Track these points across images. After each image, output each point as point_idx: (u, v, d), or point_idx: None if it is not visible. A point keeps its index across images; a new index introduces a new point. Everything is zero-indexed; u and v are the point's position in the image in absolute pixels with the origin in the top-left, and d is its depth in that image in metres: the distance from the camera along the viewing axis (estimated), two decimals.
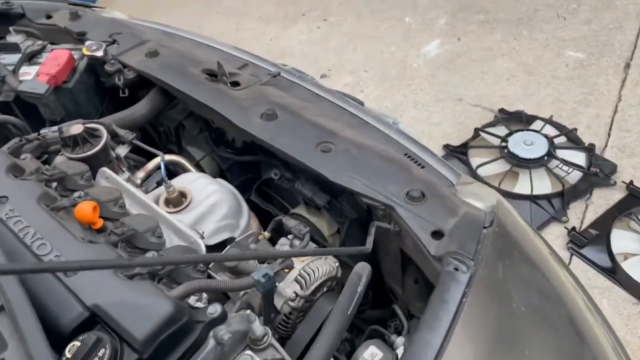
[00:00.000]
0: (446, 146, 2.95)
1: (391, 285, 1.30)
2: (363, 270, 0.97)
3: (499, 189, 2.55)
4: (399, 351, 0.99)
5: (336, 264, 1.19)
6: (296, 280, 1.11)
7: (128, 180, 1.31)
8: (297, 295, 1.10)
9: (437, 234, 0.99)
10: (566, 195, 2.52)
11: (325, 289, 1.16)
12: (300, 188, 1.32)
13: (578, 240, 2.35)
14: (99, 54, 1.56)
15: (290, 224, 1.24)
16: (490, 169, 2.71)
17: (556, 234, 2.44)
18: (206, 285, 0.90)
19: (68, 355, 0.72)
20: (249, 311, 1.01)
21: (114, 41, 1.64)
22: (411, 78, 3.59)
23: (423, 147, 1.29)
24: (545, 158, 2.65)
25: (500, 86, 3.33)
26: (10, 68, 1.60)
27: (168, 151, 1.74)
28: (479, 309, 0.82)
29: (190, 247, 1.04)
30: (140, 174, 1.37)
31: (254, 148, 1.47)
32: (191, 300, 0.95)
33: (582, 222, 2.47)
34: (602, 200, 2.53)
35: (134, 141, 1.37)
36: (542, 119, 2.91)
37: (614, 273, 2.23)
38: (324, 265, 1.15)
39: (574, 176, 2.60)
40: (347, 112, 1.40)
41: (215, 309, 0.85)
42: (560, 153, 2.67)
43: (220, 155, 1.59)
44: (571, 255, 2.34)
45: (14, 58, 1.64)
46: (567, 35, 3.56)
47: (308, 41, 4.26)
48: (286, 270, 1.02)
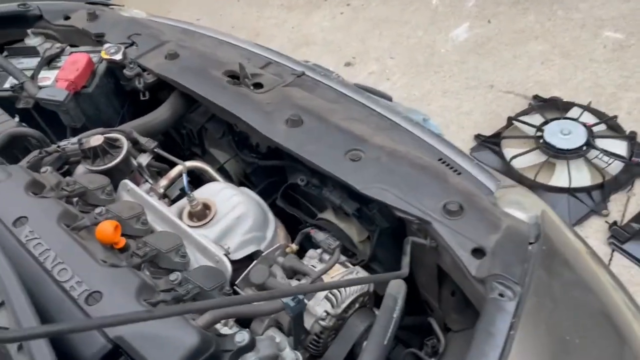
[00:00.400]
0: (477, 136, 2.84)
1: (426, 297, 1.24)
2: (398, 291, 0.91)
3: (534, 182, 2.45)
4: None
5: None
6: (327, 297, 1.06)
7: (150, 190, 1.28)
8: (328, 313, 1.05)
9: (478, 252, 0.93)
10: (606, 187, 2.40)
11: (357, 306, 1.11)
12: (328, 195, 1.26)
13: (620, 235, 2.24)
14: (118, 57, 1.51)
15: (319, 237, 1.19)
16: (525, 160, 2.59)
17: (596, 228, 2.33)
18: (233, 312, 0.86)
19: None
20: (279, 339, 0.97)
21: (132, 43, 1.60)
22: (439, 64, 3.46)
23: (458, 151, 1.22)
24: (584, 148, 2.52)
25: (534, 71, 3.17)
26: (29, 73, 1.57)
27: (191, 154, 1.70)
28: (528, 344, 0.75)
29: (215, 269, 1.00)
30: (163, 182, 1.33)
31: (279, 152, 1.41)
32: (217, 325, 0.91)
33: (624, 216, 2.35)
34: None
35: (155, 149, 1.32)
36: (580, 106, 2.77)
37: None
38: None
39: (615, 167, 2.48)
40: (376, 113, 1.34)
41: (242, 337, 0.83)
42: (599, 142, 2.55)
43: (244, 159, 1.54)
44: (612, 251, 2.23)
45: (33, 62, 1.61)
46: (605, 15, 3.37)
47: (331, 28, 4.15)
48: None
